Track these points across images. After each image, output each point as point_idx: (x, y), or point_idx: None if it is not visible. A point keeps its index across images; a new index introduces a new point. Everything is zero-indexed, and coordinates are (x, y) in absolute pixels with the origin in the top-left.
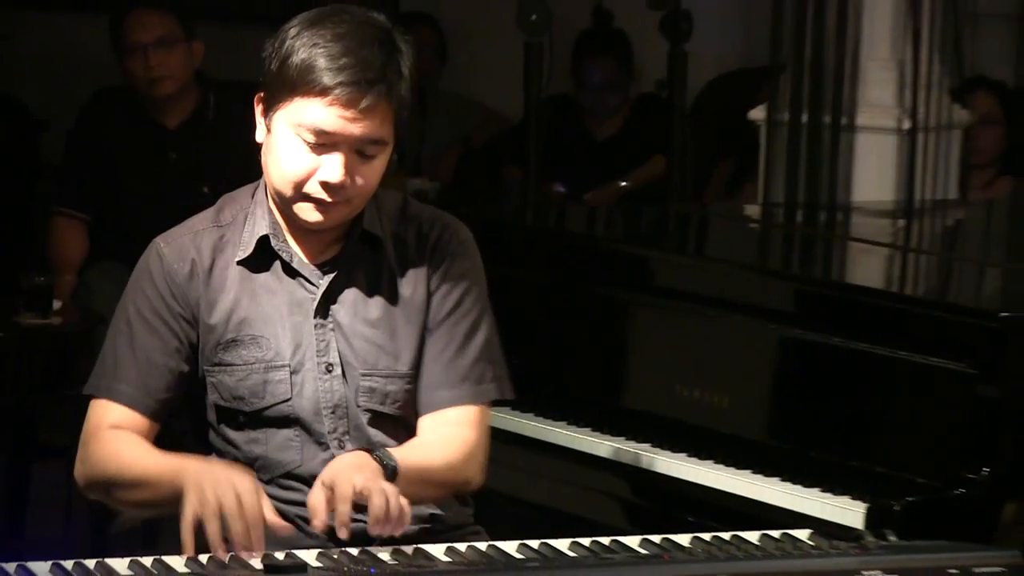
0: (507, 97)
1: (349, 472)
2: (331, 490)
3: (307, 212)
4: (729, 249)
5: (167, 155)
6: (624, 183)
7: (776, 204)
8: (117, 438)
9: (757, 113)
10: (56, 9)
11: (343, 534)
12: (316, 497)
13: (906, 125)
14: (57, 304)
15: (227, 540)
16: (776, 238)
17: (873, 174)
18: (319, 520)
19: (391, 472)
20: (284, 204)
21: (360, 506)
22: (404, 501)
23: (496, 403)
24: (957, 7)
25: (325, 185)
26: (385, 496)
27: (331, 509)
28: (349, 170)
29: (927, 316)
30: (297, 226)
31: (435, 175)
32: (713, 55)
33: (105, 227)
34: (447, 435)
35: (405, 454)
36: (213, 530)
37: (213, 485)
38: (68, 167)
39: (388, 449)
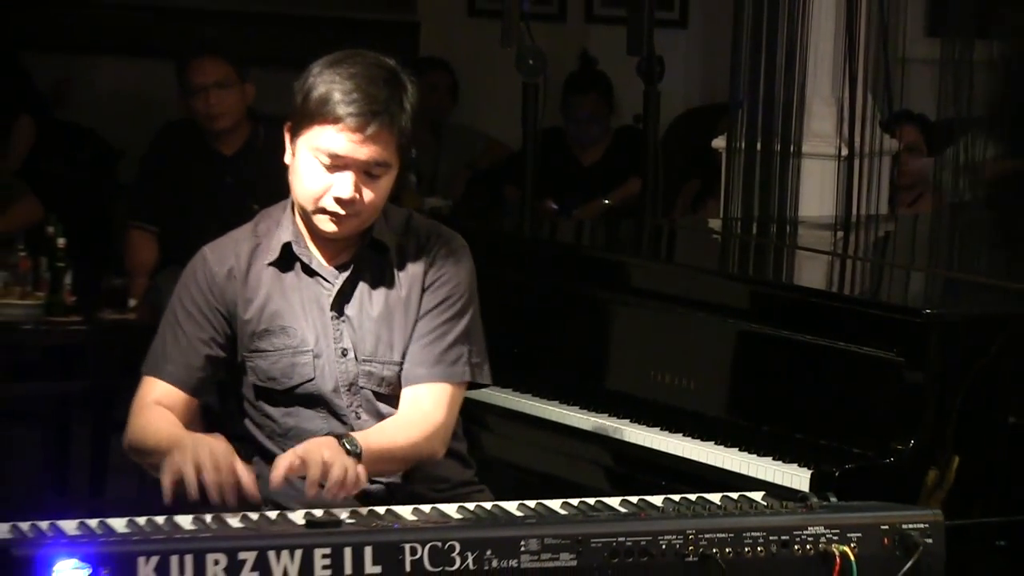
0: (508, 129)
1: (319, 446)
2: (302, 459)
3: (324, 223)
4: (694, 256)
5: (223, 178)
6: (606, 201)
7: (734, 218)
8: (153, 413)
9: (718, 142)
10: (130, 55)
11: (311, 493)
12: (284, 457)
13: (844, 152)
14: (132, 302)
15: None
16: (734, 247)
17: (816, 193)
18: (277, 473)
19: (356, 456)
20: (306, 216)
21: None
22: (361, 471)
23: (499, 385)
24: (887, 53)
25: (338, 200)
26: (344, 468)
27: (300, 475)
28: (358, 187)
29: (862, 312)
30: (316, 234)
31: (447, 194)
32: (681, 93)
33: (172, 237)
34: (415, 416)
35: (370, 439)
36: (189, 475)
37: (194, 446)
38: (141, 188)
39: (354, 435)
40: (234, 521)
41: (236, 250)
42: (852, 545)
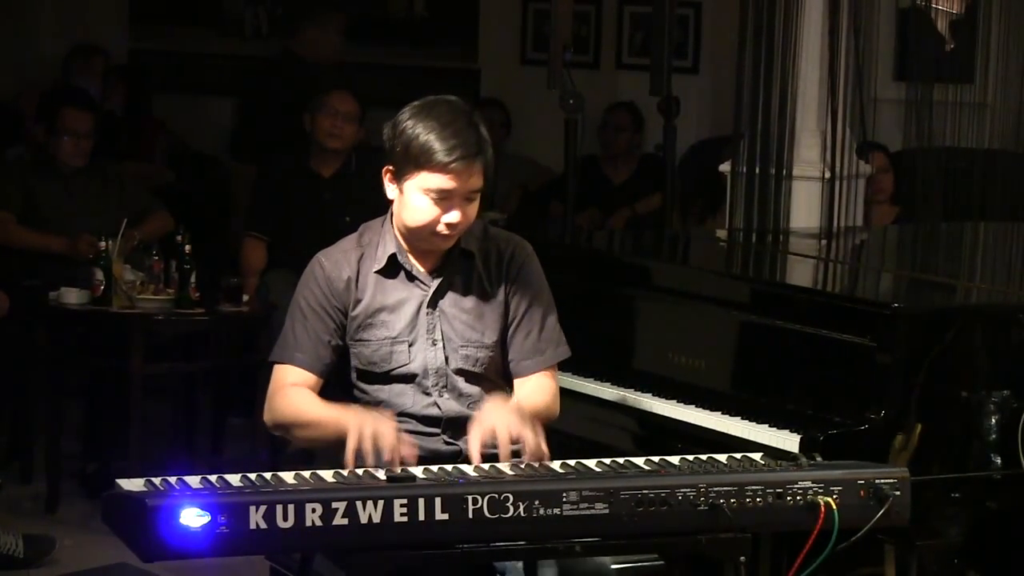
0: (553, 156)
1: (505, 419)
2: (491, 431)
3: (434, 244)
4: (705, 259)
5: (322, 195)
6: (634, 207)
7: (737, 229)
8: (295, 393)
9: (724, 167)
10: (243, 97)
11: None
12: (475, 436)
13: (827, 175)
14: (245, 297)
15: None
16: (737, 252)
17: (804, 209)
18: (476, 454)
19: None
20: (415, 238)
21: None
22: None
23: None
24: (862, 94)
25: (449, 225)
26: (535, 439)
27: (489, 445)
28: (461, 212)
29: (841, 306)
30: (414, 247)
31: (503, 209)
32: (694, 127)
33: (278, 244)
34: (541, 386)
35: (524, 405)
36: (367, 448)
37: (368, 424)
38: (254, 204)
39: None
40: (328, 476)
41: (347, 258)
42: (834, 496)
